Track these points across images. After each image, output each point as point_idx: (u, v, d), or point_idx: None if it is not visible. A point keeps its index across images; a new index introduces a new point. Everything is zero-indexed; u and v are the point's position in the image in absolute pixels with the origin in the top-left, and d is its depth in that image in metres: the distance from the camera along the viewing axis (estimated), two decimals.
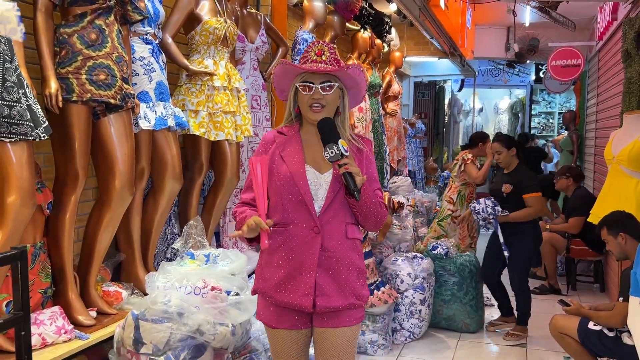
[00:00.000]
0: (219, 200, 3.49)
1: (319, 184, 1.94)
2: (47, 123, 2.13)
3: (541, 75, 11.77)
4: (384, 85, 7.26)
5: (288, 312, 1.96)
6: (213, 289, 2.49)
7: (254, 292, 2.07)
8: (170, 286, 2.33)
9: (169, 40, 3.16)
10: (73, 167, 2.42)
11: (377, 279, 4.31)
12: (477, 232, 5.48)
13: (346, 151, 1.85)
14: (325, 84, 1.91)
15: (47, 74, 2.27)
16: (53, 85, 2.26)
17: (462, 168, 5.36)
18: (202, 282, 2.49)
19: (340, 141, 1.86)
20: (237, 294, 2.56)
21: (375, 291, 4.20)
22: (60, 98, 2.27)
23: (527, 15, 7.33)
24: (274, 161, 1.97)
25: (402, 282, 4.42)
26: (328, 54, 1.93)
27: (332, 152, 1.83)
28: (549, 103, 13.94)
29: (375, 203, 1.96)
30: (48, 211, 2.41)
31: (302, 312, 1.96)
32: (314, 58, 1.92)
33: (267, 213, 1.90)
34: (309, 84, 1.92)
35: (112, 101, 2.41)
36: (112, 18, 2.45)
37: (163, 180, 2.99)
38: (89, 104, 2.38)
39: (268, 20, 4.00)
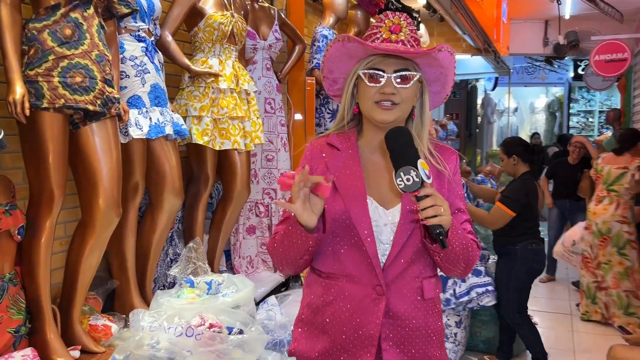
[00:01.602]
0: (228, 216, 3.12)
1: (383, 223, 1.41)
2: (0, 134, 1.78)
3: (580, 71, 11.15)
4: None
5: None
6: (211, 326, 2.11)
7: (290, 354, 1.55)
8: (158, 326, 1.96)
9: (169, 37, 2.81)
10: (47, 185, 2.07)
11: None
12: None
13: (428, 177, 1.30)
14: (402, 73, 1.38)
15: (11, 76, 1.93)
16: (18, 90, 1.91)
17: (638, 177, 4.62)
18: (198, 319, 2.11)
19: (420, 162, 1.30)
20: (241, 332, 2.18)
21: None
22: (27, 105, 1.92)
23: (568, 6, 6.80)
24: None
25: None
26: (407, 31, 1.40)
27: (408, 180, 1.28)
28: (589, 101, 13.25)
29: (466, 246, 1.41)
30: (19, 237, 2.06)
31: None
32: (387, 36, 1.39)
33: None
34: (378, 72, 1.38)
35: (91, 107, 2.05)
36: (91, 11, 2.10)
37: (161, 196, 2.63)
38: (63, 112, 2.03)
39: (283, 16, 3.62)
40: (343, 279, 1.41)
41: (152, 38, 2.61)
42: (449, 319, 3.97)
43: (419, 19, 6.20)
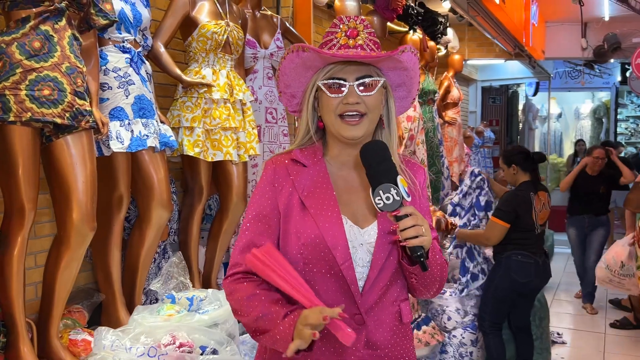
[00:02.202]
0: (225, 228, 3.06)
1: (359, 243, 1.29)
2: None
3: (628, 75, 10.64)
4: (441, 92, 6.64)
5: None
6: (181, 345, 2.04)
7: None
8: (120, 345, 1.90)
9: (161, 48, 2.77)
10: (18, 199, 2.05)
11: (419, 316, 3.73)
12: None
13: (408, 195, 1.21)
14: (364, 80, 1.28)
15: None
16: None
17: None
18: (169, 337, 2.05)
19: (399, 179, 1.21)
20: (215, 351, 2.10)
21: (415, 331, 3.62)
22: None
23: (606, 7, 6.47)
24: (290, 211, 1.30)
25: (449, 319, 3.82)
26: (365, 35, 1.30)
27: (387, 198, 1.17)
28: (638, 106, 12.63)
29: (442, 266, 1.33)
30: None
31: None
32: (345, 42, 1.28)
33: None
34: (339, 82, 1.28)
35: (59, 120, 2.02)
36: (63, 23, 2.07)
37: (149, 209, 2.59)
38: (31, 125, 2.01)
39: (287, 24, 3.55)
40: None
41: (140, 49, 2.58)
42: (464, 337, 3.79)
43: (447, 24, 6.03)
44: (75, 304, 2.55)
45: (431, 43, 5.85)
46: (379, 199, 1.18)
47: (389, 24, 4.89)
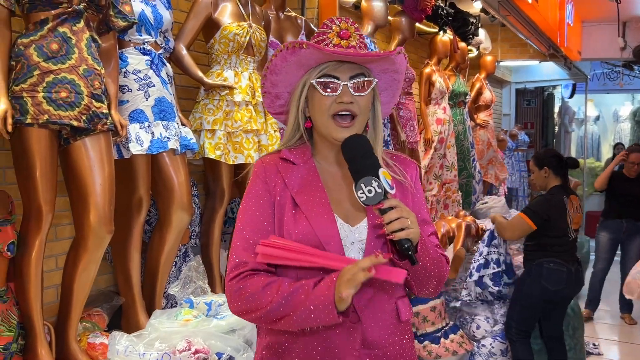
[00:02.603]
0: None
1: (350, 242, 1.28)
2: None
3: None
4: (472, 94, 6.50)
5: None
6: (197, 352, 2.00)
7: None
8: (133, 350, 1.87)
9: (183, 50, 2.76)
10: (35, 201, 2.04)
11: (447, 324, 3.62)
12: None
13: (392, 187, 1.20)
14: (358, 80, 1.26)
15: None
16: (1, 106, 1.90)
17: None
18: (184, 343, 2.02)
19: (381, 171, 1.20)
20: (231, 358, 2.06)
21: (442, 339, 3.52)
22: (9, 121, 1.91)
23: None
24: (283, 209, 1.28)
25: (478, 327, 3.70)
26: (357, 36, 1.28)
27: (369, 191, 1.17)
28: None
29: (437, 261, 1.30)
30: (8, 253, 2.05)
31: None
32: (337, 42, 1.26)
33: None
34: (332, 80, 1.26)
35: (75, 123, 2.01)
36: (81, 24, 2.06)
37: (169, 212, 2.57)
38: (48, 127, 2.00)
39: (312, 25, 3.50)
40: None
41: (161, 51, 2.57)
42: (493, 347, 3.67)
43: (478, 24, 5.90)
44: (95, 306, 2.55)
45: (462, 44, 5.73)
46: (361, 193, 1.17)
47: (417, 24, 4.81)
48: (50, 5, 2.00)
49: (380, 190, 1.17)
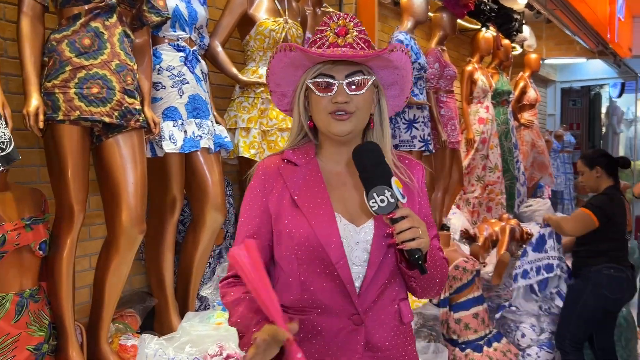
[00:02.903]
0: None
1: (354, 242, 1.27)
2: (7, 151, 1.73)
3: None
4: (516, 92, 6.30)
5: None
6: (228, 357, 1.93)
7: None
8: (163, 354, 1.81)
9: (218, 47, 2.70)
10: (67, 200, 2.01)
11: (490, 331, 3.47)
12: None
13: (403, 196, 1.19)
14: (354, 79, 1.26)
15: (27, 88, 1.90)
16: (33, 102, 1.87)
17: None
18: (215, 348, 1.95)
19: (393, 180, 1.19)
20: None
21: (485, 347, 3.36)
22: (41, 117, 1.88)
23: None
24: (282, 210, 1.28)
25: (523, 336, 3.54)
26: (355, 33, 1.27)
27: (382, 201, 1.16)
28: None
29: (442, 267, 1.31)
30: (40, 252, 2.02)
31: None
32: (334, 40, 1.26)
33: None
34: (327, 80, 1.26)
35: (107, 119, 1.97)
36: (113, 19, 2.02)
37: (203, 212, 2.51)
38: (80, 124, 1.96)
39: None
40: (314, 312, 1.25)
41: (195, 47, 2.51)
42: (539, 356, 3.50)
43: (522, 21, 5.70)
44: (128, 307, 2.51)
45: (505, 41, 5.55)
46: (373, 202, 1.16)
47: (459, 20, 4.66)
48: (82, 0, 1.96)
49: (393, 200, 1.16)
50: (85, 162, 2.03)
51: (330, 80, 1.26)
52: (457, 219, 4.68)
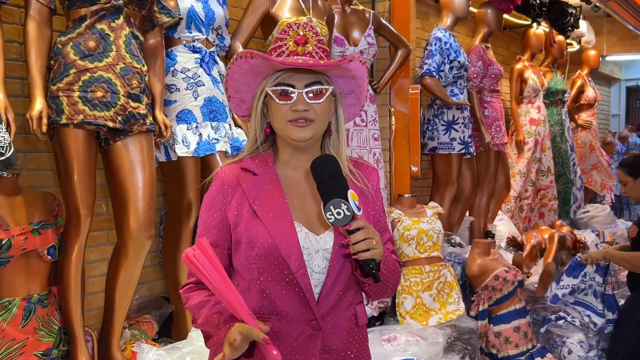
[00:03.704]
0: None
1: (314, 250, 1.30)
2: (6, 155, 1.71)
3: None
4: (573, 92, 5.95)
5: None
6: None
7: None
8: None
9: (239, 48, 2.63)
10: (74, 204, 1.99)
11: (533, 346, 3.25)
12: None
13: (359, 208, 1.23)
14: (313, 88, 1.28)
15: (32, 92, 1.89)
16: (37, 106, 1.86)
17: None
18: None
19: (349, 193, 1.22)
20: None
21: None
22: (44, 121, 1.86)
23: None
24: (241, 220, 1.30)
25: (569, 352, 3.30)
26: (314, 42, 1.30)
27: (338, 213, 1.20)
28: None
29: (394, 271, 1.37)
30: (49, 257, 2.01)
31: None
32: (294, 49, 1.29)
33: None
34: (287, 89, 1.27)
35: (110, 124, 1.93)
36: (120, 21, 1.98)
37: None
38: (84, 127, 1.94)
39: (384, 20, 3.27)
40: (273, 318, 1.28)
41: (213, 48, 2.46)
42: None
43: (579, 15, 5.38)
44: (145, 313, 2.48)
45: (559, 37, 5.24)
46: (330, 214, 1.20)
47: (507, 16, 4.43)
48: (88, 1, 1.94)
49: (349, 213, 1.19)
50: (91, 166, 2.00)
51: (290, 89, 1.27)
52: (504, 226, 4.43)
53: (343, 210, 1.19)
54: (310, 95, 1.27)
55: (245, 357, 1.21)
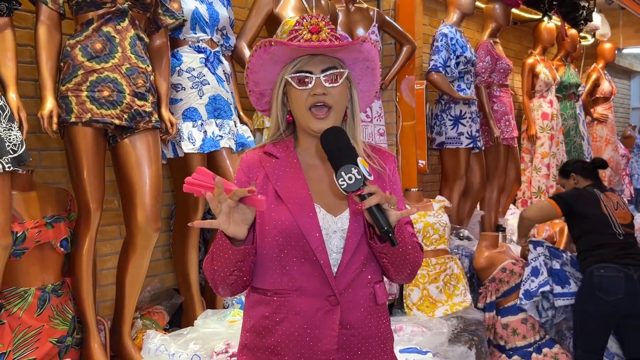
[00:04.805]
0: None
1: (332, 230, 1.36)
2: (18, 153, 1.82)
3: None
4: (588, 85, 5.92)
5: None
6: (233, 355, 1.93)
7: None
8: (163, 350, 1.83)
9: (244, 49, 2.72)
10: (84, 199, 2.10)
11: (542, 337, 3.28)
12: None
13: (370, 174, 1.26)
14: (330, 72, 1.34)
15: (43, 93, 1.99)
16: (47, 105, 1.97)
17: None
18: (222, 345, 1.95)
19: (359, 159, 1.26)
20: None
21: (534, 354, 3.18)
22: (55, 120, 1.97)
23: None
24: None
25: None
26: (328, 30, 1.35)
27: (350, 178, 1.23)
28: None
29: (413, 247, 1.37)
30: (61, 249, 2.12)
31: None
32: (307, 38, 1.34)
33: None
34: (305, 75, 1.33)
35: (117, 122, 2.03)
36: (125, 23, 2.08)
37: None
38: (92, 125, 2.04)
39: (386, 16, 3.32)
40: (293, 293, 1.33)
41: (218, 48, 2.54)
42: None
43: (592, 8, 5.35)
44: (156, 304, 2.58)
45: (572, 31, 5.23)
46: (342, 180, 1.23)
47: (514, 10, 4.44)
48: (94, 5, 2.04)
49: (359, 177, 1.22)
50: (100, 163, 2.10)
51: (308, 74, 1.32)
52: (515, 220, 4.44)
53: (354, 174, 1.22)
54: (327, 79, 1.32)
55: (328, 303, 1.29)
